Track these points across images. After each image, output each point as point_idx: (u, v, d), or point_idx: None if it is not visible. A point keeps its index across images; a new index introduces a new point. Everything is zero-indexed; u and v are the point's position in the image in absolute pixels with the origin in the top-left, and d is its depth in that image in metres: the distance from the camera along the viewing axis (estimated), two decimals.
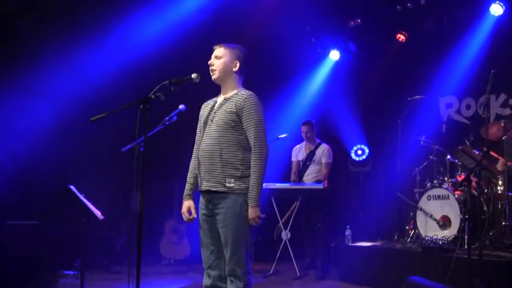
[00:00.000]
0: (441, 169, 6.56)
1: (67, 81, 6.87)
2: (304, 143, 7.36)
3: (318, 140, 7.28)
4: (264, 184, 3.54)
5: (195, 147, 3.74)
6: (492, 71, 5.37)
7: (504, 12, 7.00)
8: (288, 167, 7.54)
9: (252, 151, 3.51)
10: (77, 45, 6.89)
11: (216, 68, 3.65)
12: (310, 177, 7.14)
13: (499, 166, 5.95)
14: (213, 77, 3.68)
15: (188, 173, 3.75)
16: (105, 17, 6.95)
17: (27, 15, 6.82)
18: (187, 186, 3.73)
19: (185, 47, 7.24)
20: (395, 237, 6.63)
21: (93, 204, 4.92)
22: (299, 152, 7.37)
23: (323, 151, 7.14)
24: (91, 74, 7.04)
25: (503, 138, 5.82)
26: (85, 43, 6.92)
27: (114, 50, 7.09)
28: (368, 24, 8.30)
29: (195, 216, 3.66)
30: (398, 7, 7.67)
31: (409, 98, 7.16)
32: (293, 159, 7.42)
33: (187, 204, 3.69)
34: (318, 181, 6.99)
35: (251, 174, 3.48)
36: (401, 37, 8.13)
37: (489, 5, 7.03)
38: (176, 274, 6.99)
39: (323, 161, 7.11)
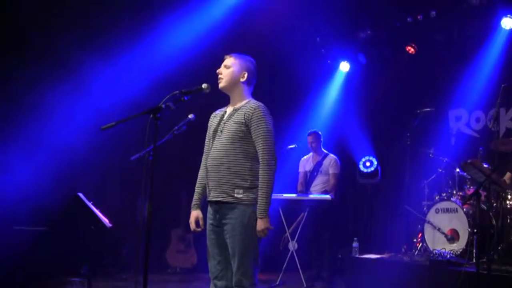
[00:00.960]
0: (450, 182, 6.53)
1: (82, 91, 6.93)
2: (311, 154, 7.35)
3: (325, 151, 7.28)
4: (272, 195, 3.53)
5: (203, 157, 3.74)
6: (503, 85, 5.34)
7: None
8: (298, 178, 7.53)
9: (261, 162, 3.50)
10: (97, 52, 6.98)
11: (224, 77, 3.66)
12: (317, 188, 7.12)
13: (507, 178, 5.91)
14: (220, 85, 3.68)
15: (197, 183, 3.75)
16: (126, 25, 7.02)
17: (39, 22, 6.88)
18: (195, 196, 3.73)
19: (201, 59, 7.27)
20: (403, 250, 6.59)
21: (101, 211, 4.94)
22: (306, 163, 7.36)
23: (330, 161, 7.13)
24: (108, 84, 7.07)
25: None
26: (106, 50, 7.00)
27: (131, 63, 7.16)
28: (378, 36, 8.30)
29: (202, 227, 3.67)
30: (408, 19, 7.66)
31: (418, 111, 7.14)
32: (300, 170, 7.41)
33: (195, 214, 3.69)
34: (325, 192, 6.97)
35: (259, 185, 3.47)
36: (410, 49, 8.09)
37: (500, 19, 7.02)
38: (183, 283, 6.98)
39: (331, 171, 7.10)
